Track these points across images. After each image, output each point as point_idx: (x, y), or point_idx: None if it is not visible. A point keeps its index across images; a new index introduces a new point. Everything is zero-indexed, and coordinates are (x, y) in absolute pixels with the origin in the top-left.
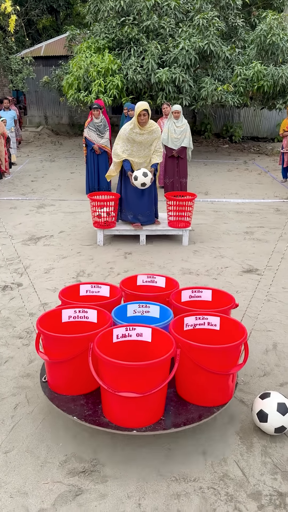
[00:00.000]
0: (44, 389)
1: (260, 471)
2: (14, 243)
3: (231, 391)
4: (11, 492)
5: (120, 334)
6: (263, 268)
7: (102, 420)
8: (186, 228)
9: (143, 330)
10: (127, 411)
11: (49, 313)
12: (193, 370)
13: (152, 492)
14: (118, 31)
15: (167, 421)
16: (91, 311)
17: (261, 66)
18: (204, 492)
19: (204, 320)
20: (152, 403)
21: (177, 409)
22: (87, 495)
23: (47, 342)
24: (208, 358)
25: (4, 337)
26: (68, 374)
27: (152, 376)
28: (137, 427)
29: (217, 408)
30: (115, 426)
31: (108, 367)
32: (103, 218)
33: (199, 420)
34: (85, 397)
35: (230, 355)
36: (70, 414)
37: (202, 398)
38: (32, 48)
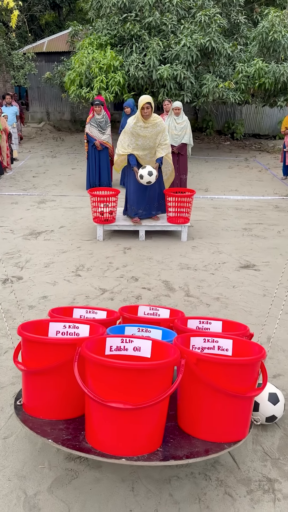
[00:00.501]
0: (18, 412)
1: (251, 458)
2: (15, 238)
3: (247, 424)
4: (9, 476)
5: (115, 346)
6: (261, 264)
7: (83, 445)
8: (185, 224)
9: (142, 343)
10: (115, 430)
11: (34, 323)
12: (200, 391)
13: (145, 477)
14: (120, 28)
15: (165, 453)
16: (83, 326)
17: (263, 63)
18: (195, 477)
19: (214, 344)
20: (147, 423)
21: (178, 442)
22: (83, 479)
23: (28, 347)
24: (220, 375)
25: (4, 328)
26: (48, 390)
27: (148, 384)
28: (127, 455)
29: (228, 444)
30: (100, 453)
31: (95, 369)
32: (105, 214)
33: (206, 454)
34: (66, 423)
35: (248, 372)
36: (45, 437)
37: (210, 430)
38: (34, 44)
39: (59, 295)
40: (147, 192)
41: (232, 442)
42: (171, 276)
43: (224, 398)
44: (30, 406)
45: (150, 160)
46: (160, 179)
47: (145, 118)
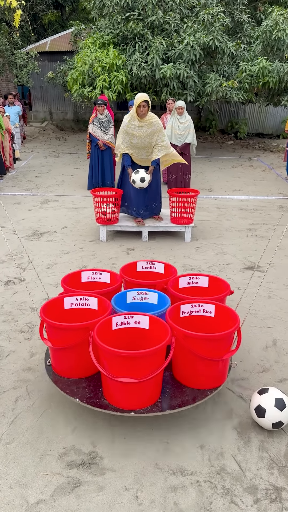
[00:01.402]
0: (49, 372)
1: (257, 465)
2: (18, 238)
3: (224, 374)
4: (11, 483)
5: (119, 322)
6: (265, 265)
7: (102, 402)
8: (189, 225)
9: (141, 318)
10: (125, 394)
11: (52, 301)
12: (187, 356)
13: (149, 485)
14: (123, 27)
15: (163, 404)
16: (92, 298)
17: (267, 62)
18: (201, 486)
19: (200, 308)
20: (148, 388)
21: (172, 391)
22: (85, 487)
23: (50, 330)
24: (201, 345)
25: (6, 331)
26: (70, 360)
27: (148, 363)
28: (135, 409)
29: (211, 390)
30: (115, 408)
31: (107, 355)
32: (108, 214)
33: (193, 402)
34: (87, 380)
35: (223, 342)
36: (73, 397)
37: (196, 382)
38: (37, 44)
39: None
40: (147, 192)
41: (214, 388)
42: None
43: (206, 361)
44: (58, 368)
45: (146, 159)
46: (158, 180)
47: (141, 117)
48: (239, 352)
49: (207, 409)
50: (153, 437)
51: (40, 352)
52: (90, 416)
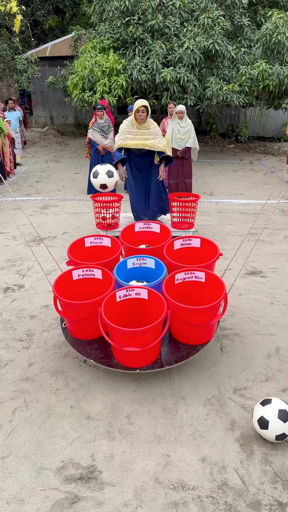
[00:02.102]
0: (65, 335)
1: (260, 479)
2: (17, 244)
3: (213, 331)
4: (7, 499)
5: (122, 295)
6: (267, 270)
7: (112, 361)
8: (190, 230)
9: (140, 290)
10: (131, 358)
11: (62, 275)
12: (181, 322)
13: (149, 500)
14: (123, 31)
15: (162, 360)
16: (96, 270)
17: (267, 65)
18: (202, 501)
19: (192, 275)
20: (150, 352)
21: (170, 348)
22: (84, 503)
23: (63, 305)
24: (192, 315)
25: (5, 339)
26: (83, 327)
27: (149, 335)
28: (140, 367)
29: (202, 346)
30: (123, 367)
31: (114, 331)
32: (108, 220)
33: (187, 357)
34: (98, 341)
35: (211, 311)
36: (88, 357)
37: (189, 340)
38: (38, 49)
39: None
40: (148, 195)
41: (204, 343)
42: None
43: (197, 326)
44: (73, 332)
45: (148, 143)
46: (162, 182)
47: (139, 122)
48: (241, 360)
49: (209, 420)
50: (153, 450)
51: (38, 362)
52: (89, 428)
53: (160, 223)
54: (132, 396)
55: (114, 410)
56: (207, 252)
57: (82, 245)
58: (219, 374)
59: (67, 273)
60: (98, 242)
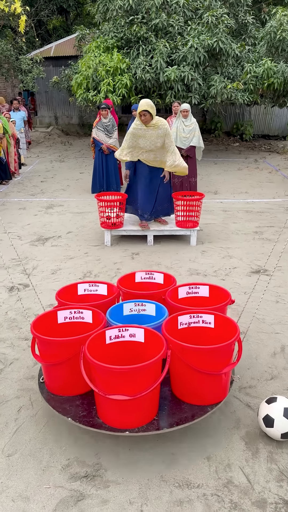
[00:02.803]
0: (42, 390)
1: (266, 478)
2: (22, 244)
3: (225, 389)
4: (13, 496)
5: (113, 335)
6: (272, 268)
7: (96, 421)
8: (194, 228)
9: (136, 330)
10: (119, 412)
11: (44, 315)
12: (185, 370)
13: (154, 498)
14: (126, 30)
15: (160, 421)
16: (86, 311)
17: (271, 63)
18: (207, 499)
19: (199, 318)
20: (143, 405)
21: (170, 408)
22: (89, 500)
23: (41, 345)
24: (199, 359)
25: (10, 338)
26: (63, 376)
27: (142, 379)
28: (130, 428)
29: (211, 406)
30: (108, 427)
31: (98, 371)
32: (112, 218)
33: (192, 419)
34: (81, 398)
35: (222, 354)
36: (65, 416)
37: (195, 397)
38: (42, 49)
39: None
40: (155, 196)
41: (214, 404)
42: (180, 282)
43: (204, 375)
44: (51, 386)
45: (154, 160)
46: (169, 182)
47: (145, 123)
48: (246, 359)
49: (214, 419)
50: (159, 448)
51: None
52: None
53: (164, 272)
54: None
55: None
56: (218, 302)
57: (74, 292)
58: None
59: (51, 313)
60: (93, 290)
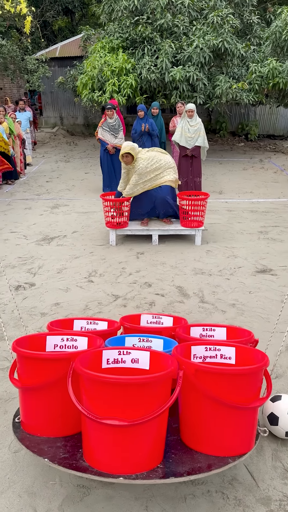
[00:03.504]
0: (15, 430)
1: (270, 475)
2: (28, 243)
3: (252, 435)
4: (19, 492)
5: (112, 359)
6: (277, 268)
7: (80, 464)
8: (199, 228)
9: (139, 354)
10: (112, 449)
11: (31, 337)
12: (201, 402)
13: (159, 494)
14: (132, 31)
15: (166, 470)
16: (81, 338)
17: (277, 63)
18: (212, 496)
19: (216, 352)
20: (145, 440)
21: (179, 457)
22: (95, 496)
23: (23, 363)
24: (220, 385)
25: (16, 336)
26: (44, 407)
27: (145, 399)
28: (126, 474)
29: (233, 458)
30: (97, 472)
31: (89, 384)
32: (117, 218)
33: (208, 470)
34: (64, 440)
35: (250, 382)
36: (42, 456)
37: (213, 444)
38: (47, 49)
39: (72, 302)
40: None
41: (237, 456)
42: (185, 281)
43: (226, 409)
44: (28, 423)
45: (152, 185)
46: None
47: (126, 164)
48: None
49: None
50: None
51: None
52: None
53: (173, 316)
54: None
55: None
56: None
57: (69, 329)
58: None
59: (38, 337)
60: (91, 328)
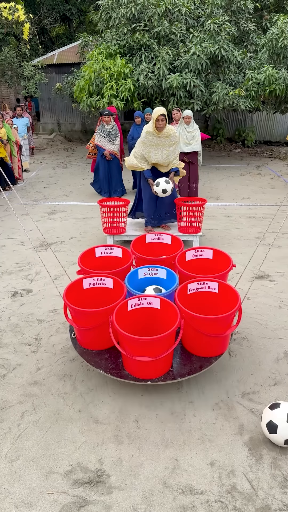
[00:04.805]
0: (75, 345)
1: (269, 484)
2: (25, 249)
3: (226, 344)
4: (16, 502)
5: (134, 304)
6: (275, 274)
7: (123, 372)
8: (197, 234)
9: (153, 299)
10: (142, 369)
11: (73, 283)
12: (194, 333)
13: (158, 504)
14: (129, 38)
15: (175, 372)
16: (107, 279)
17: (273, 70)
18: (211, 506)
19: (205, 285)
20: (162, 362)
21: (182, 360)
22: (92, 506)
23: (73, 313)
24: (206, 325)
25: (13, 344)
26: (93, 337)
27: (162, 344)
28: (151, 378)
29: (215, 358)
30: (134, 378)
31: (126, 339)
32: (115, 224)
33: (200, 369)
34: (108, 352)
35: (225, 321)
36: (98, 368)
37: (202, 352)
38: (45, 56)
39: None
40: (159, 201)
41: (217, 356)
42: None
43: (210, 337)
44: (83, 343)
45: (163, 164)
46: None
47: (159, 130)
48: (249, 364)
49: (217, 425)
50: (162, 454)
51: (46, 366)
52: (97, 432)
53: (171, 234)
54: (140, 400)
55: (121, 414)
56: (219, 263)
57: (93, 255)
58: (227, 378)
59: (78, 281)
60: (109, 252)
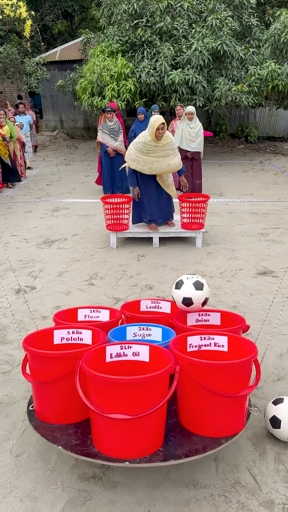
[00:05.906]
0: (31, 418)
1: (273, 478)
2: (29, 247)
3: (242, 419)
4: (21, 496)
5: (114, 353)
6: (279, 270)
7: (90, 450)
8: (200, 230)
9: (140, 348)
10: (118, 437)
11: (39, 333)
12: (196, 391)
13: (162, 499)
14: (131, 34)
15: (166, 453)
16: (85, 331)
17: (276, 65)
18: (215, 500)
19: (210, 341)
20: (147, 429)
21: (178, 440)
22: (97, 500)
23: (33, 360)
24: (212, 377)
25: (17, 340)
26: (55, 399)
27: (146, 394)
28: (130, 458)
29: (226, 439)
30: (105, 457)
31: (95, 383)
32: (118, 221)
33: (203, 451)
34: (75, 427)
35: (239, 373)
36: (56, 444)
37: (208, 427)
38: (47, 53)
39: (72, 305)
40: (159, 199)
41: (229, 437)
42: None
43: (218, 397)
44: (41, 412)
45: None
46: None
47: (158, 139)
48: None
49: None
50: None
51: None
52: None
53: (171, 301)
54: None
55: None
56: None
57: (74, 318)
58: None
59: (46, 332)
60: (95, 316)
